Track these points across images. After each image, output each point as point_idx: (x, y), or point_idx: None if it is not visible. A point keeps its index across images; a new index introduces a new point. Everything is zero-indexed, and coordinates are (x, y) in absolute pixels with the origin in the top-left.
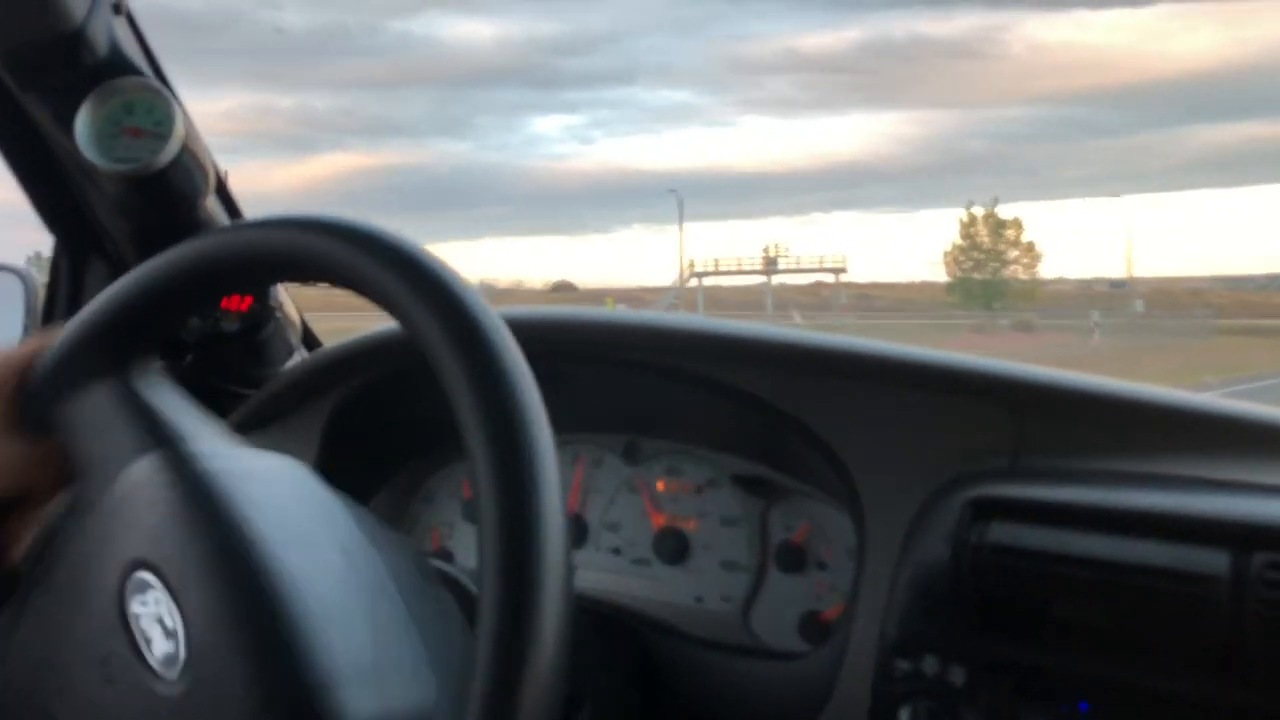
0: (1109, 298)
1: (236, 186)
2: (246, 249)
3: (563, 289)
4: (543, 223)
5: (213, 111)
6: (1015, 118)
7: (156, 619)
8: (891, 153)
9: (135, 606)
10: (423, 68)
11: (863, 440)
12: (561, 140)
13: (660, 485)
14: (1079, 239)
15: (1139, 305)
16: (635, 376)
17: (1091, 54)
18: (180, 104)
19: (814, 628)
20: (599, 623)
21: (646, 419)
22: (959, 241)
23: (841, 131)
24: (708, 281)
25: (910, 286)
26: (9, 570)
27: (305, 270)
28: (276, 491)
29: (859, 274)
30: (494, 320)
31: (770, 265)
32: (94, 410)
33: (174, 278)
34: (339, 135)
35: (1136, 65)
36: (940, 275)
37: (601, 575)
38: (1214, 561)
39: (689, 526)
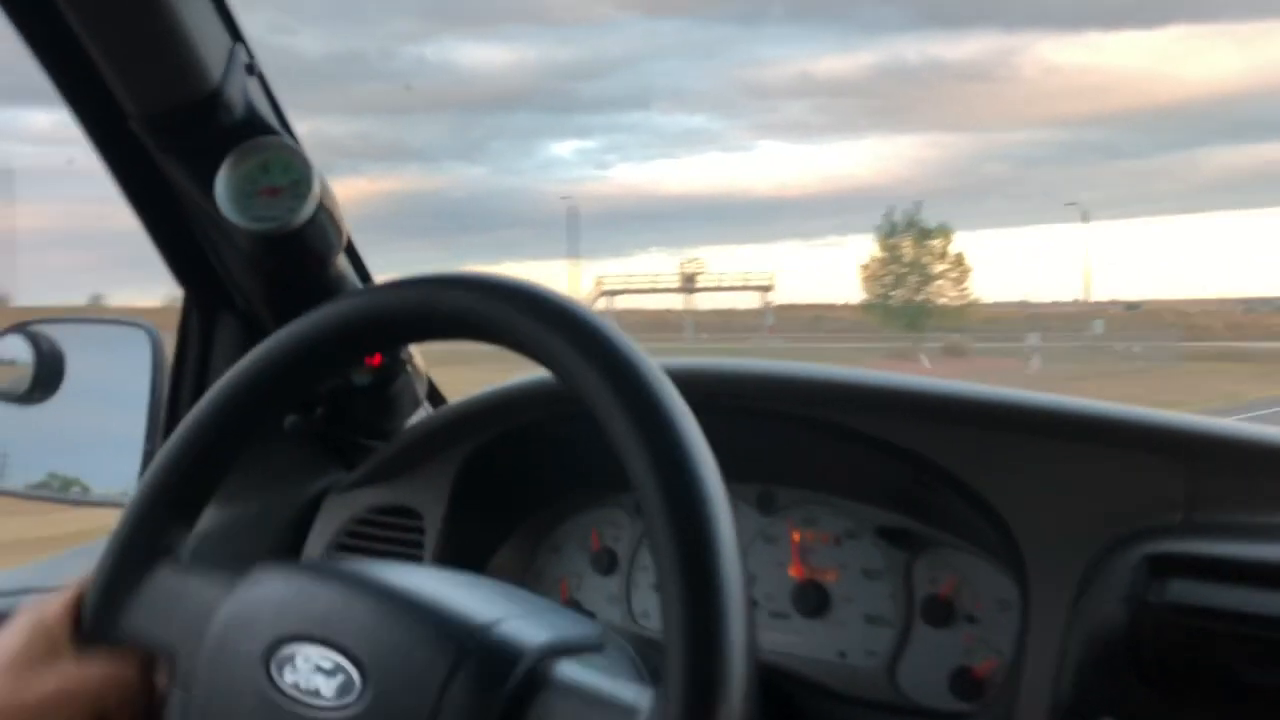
0: (1064, 319)
1: None
2: (382, 313)
3: None
4: (560, 246)
5: None
6: (1031, 140)
7: (313, 671)
8: (908, 176)
9: (288, 678)
10: (438, 93)
11: (1023, 495)
12: (578, 165)
13: (796, 536)
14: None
15: (1098, 327)
16: (771, 425)
17: (1105, 76)
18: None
19: (967, 684)
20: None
21: (782, 468)
22: (877, 253)
23: (857, 155)
24: (626, 301)
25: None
26: None
27: (467, 330)
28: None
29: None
30: (657, 373)
31: (688, 283)
32: (157, 601)
33: (306, 349)
34: (355, 160)
35: (1151, 87)
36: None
37: None
38: None
39: (829, 579)
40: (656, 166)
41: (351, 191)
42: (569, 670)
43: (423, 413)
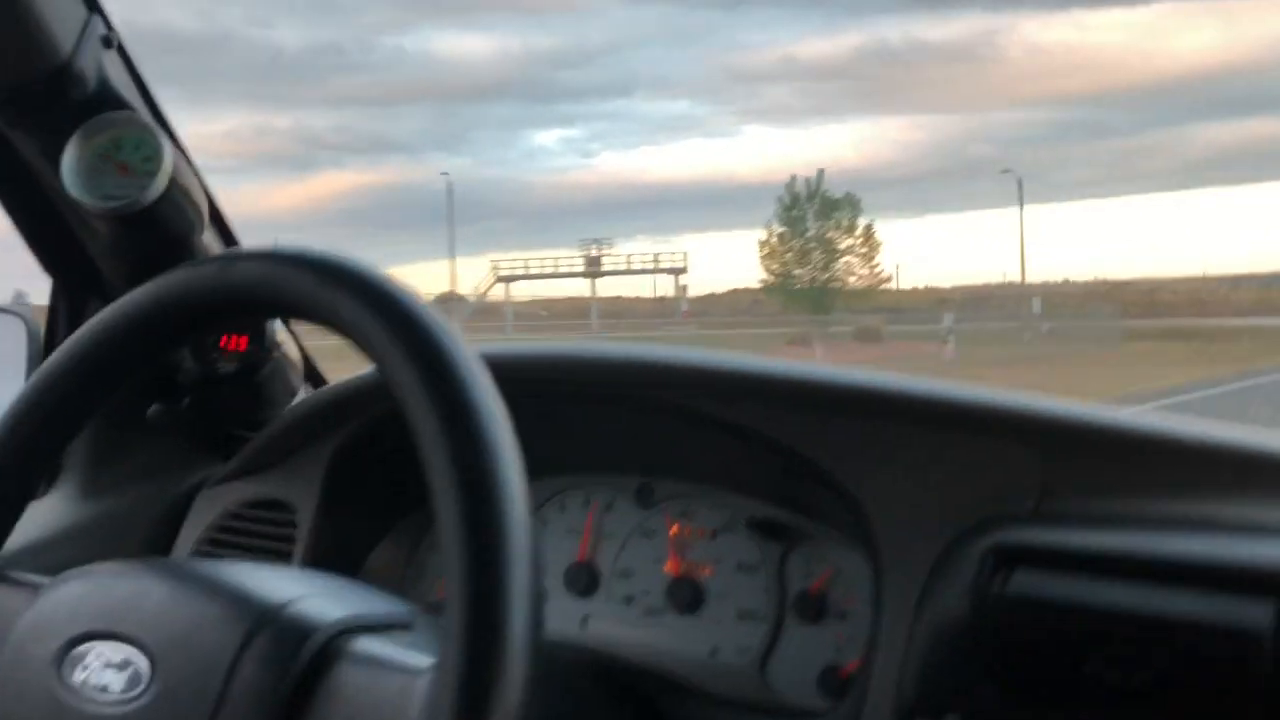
0: (1000, 300)
1: (239, 209)
2: (177, 294)
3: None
4: (548, 236)
5: (214, 133)
6: (1018, 121)
7: (103, 666)
8: (894, 158)
9: (77, 677)
10: (418, 83)
11: (880, 483)
12: (561, 154)
13: (674, 530)
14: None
15: (1036, 305)
16: (647, 416)
17: (1091, 54)
18: (174, 136)
19: (834, 683)
20: (605, 682)
21: (660, 460)
22: (777, 227)
23: (843, 138)
24: (523, 288)
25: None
26: None
27: (263, 306)
28: None
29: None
30: (467, 357)
31: (593, 265)
32: None
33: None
34: (337, 153)
35: (1138, 65)
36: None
37: (612, 626)
38: (1257, 614)
39: (704, 574)
40: (641, 154)
41: (335, 186)
42: (366, 644)
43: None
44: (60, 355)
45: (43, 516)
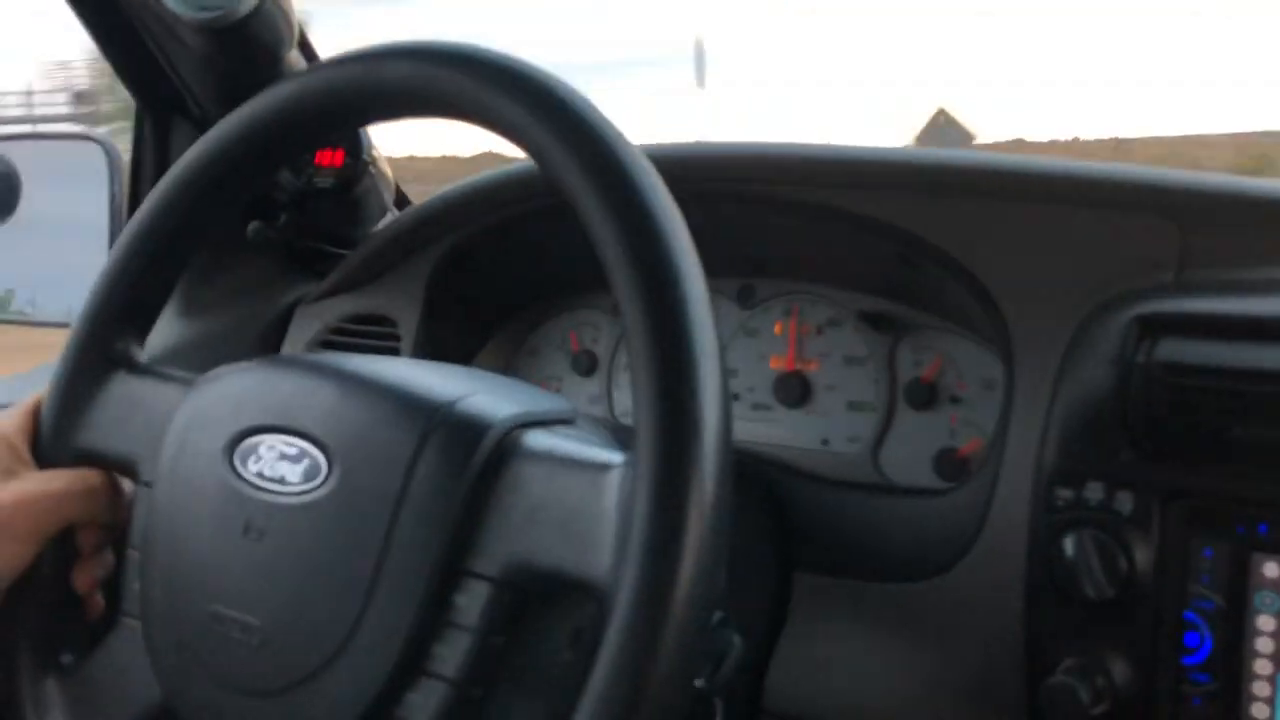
0: None
1: None
2: (319, 92)
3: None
4: None
5: None
6: None
7: (278, 458)
8: None
9: (251, 468)
10: None
11: (1008, 262)
12: None
13: (779, 328)
14: None
15: None
16: (747, 212)
17: None
18: None
19: (950, 465)
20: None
21: (761, 259)
22: None
23: None
24: None
25: None
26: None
27: (418, 105)
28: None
29: None
30: (637, 155)
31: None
32: (114, 409)
33: (251, 138)
34: None
35: None
36: None
37: None
38: None
39: (811, 368)
40: None
41: None
42: (540, 438)
43: (390, 219)
44: (204, 147)
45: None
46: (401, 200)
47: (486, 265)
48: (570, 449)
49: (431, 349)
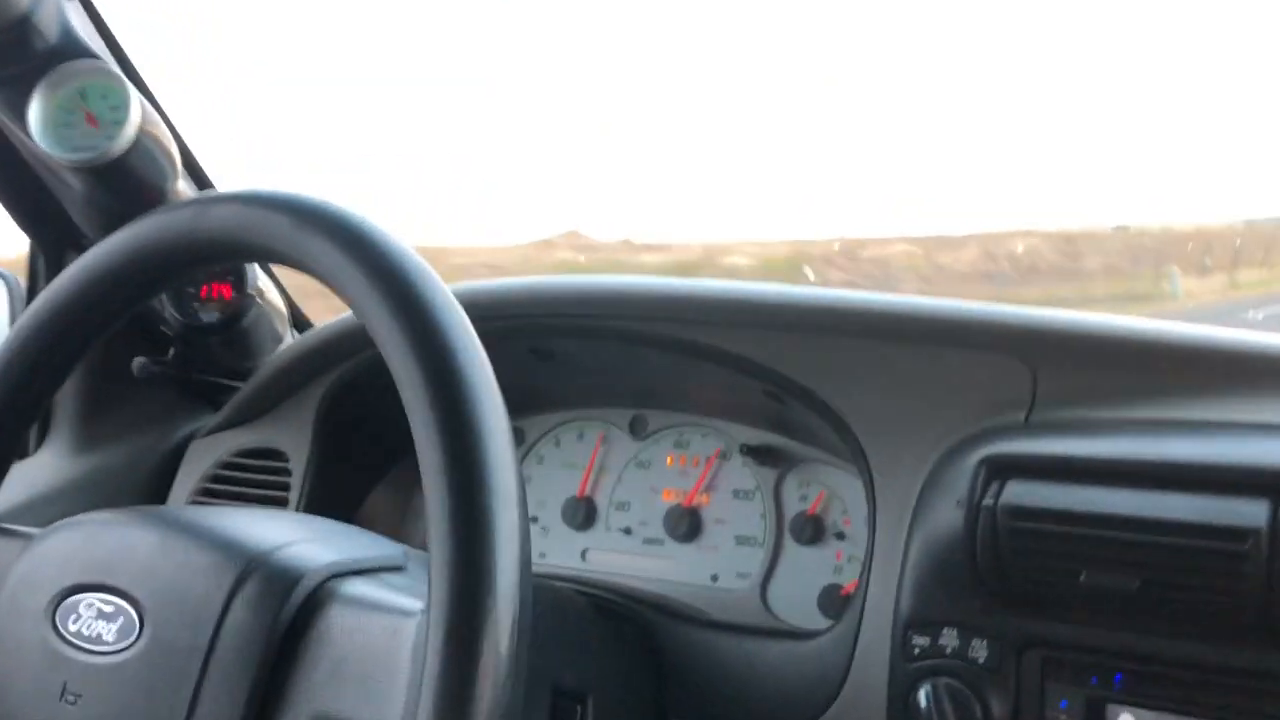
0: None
1: None
2: (151, 242)
3: None
4: None
5: None
6: None
7: (95, 617)
8: None
9: (70, 627)
10: None
11: (867, 401)
12: None
13: (669, 460)
14: None
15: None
16: (636, 348)
17: None
18: (142, 83)
19: (834, 602)
20: (605, 611)
21: (651, 392)
22: None
23: None
24: None
25: None
26: None
27: (240, 251)
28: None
29: None
30: (445, 301)
31: None
32: None
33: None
34: None
35: None
36: None
37: (613, 556)
38: (1251, 513)
39: (701, 502)
40: None
41: None
42: (355, 586)
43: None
44: (39, 306)
45: (35, 474)
46: (302, 326)
47: (375, 397)
48: (377, 596)
49: (324, 484)
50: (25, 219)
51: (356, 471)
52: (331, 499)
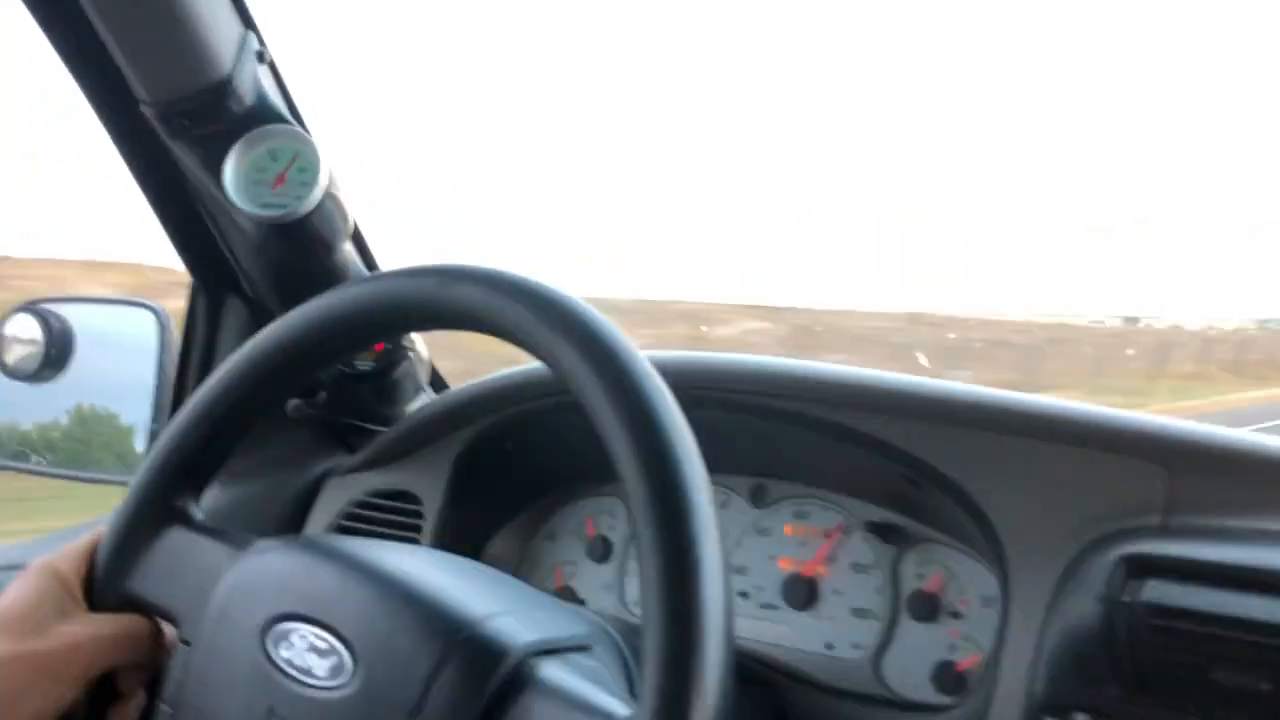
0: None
1: None
2: (390, 301)
3: None
4: None
5: None
6: None
7: (308, 649)
8: None
9: (282, 653)
10: None
11: (1007, 494)
12: None
13: (789, 530)
14: None
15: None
16: (764, 420)
17: None
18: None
19: (949, 678)
20: (737, 673)
21: (775, 462)
22: None
23: None
24: None
25: None
26: None
27: (470, 323)
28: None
29: None
30: (648, 368)
31: None
32: (166, 561)
33: (298, 343)
34: None
35: None
36: None
37: None
38: None
39: (820, 572)
40: None
41: None
42: (553, 671)
43: (425, 399)
44: (272, 335)
45: None
46: (437, 381)
47: (510, 451)
48: (580, 691)
49: (452, 528)
50: (192, 259)
51: (482, 518)
52: (459, 541)
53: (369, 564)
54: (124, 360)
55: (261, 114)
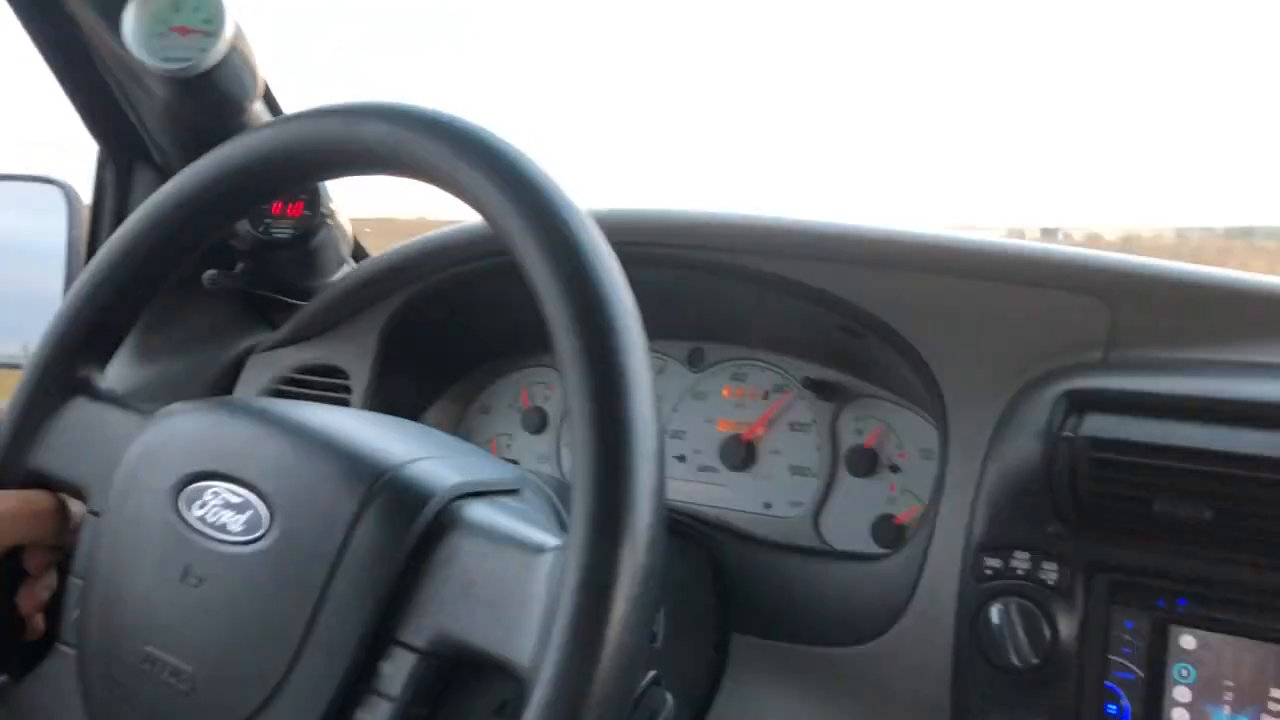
0: None
1: None
2: (293, 145)
3: None
4: None
5: None
6: None
7: (222, 506)
8: None
9: (195, 512)
10: None
11: (945, 336)
12: None
13: (726, 392)
14: None
15: None
16: (699, 278)
17: None
18: None
19: (888, 531)
20: (673, 530)
21: (711, 324)
22: None
23: None
24: None
25: None
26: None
27: (382, 164)
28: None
29: None
30: (582, 215)
31: None
32: (71, 433)
33: (209, 188)
34: None
35: None
36: None
37: (668, 483)
38: None
39: (757, 432)
40: None
41: None
42: (479, 511)
43: (348, 270)
44: (175, 187)
45: None
46: (359, 253)
47: (439, 321)
48: (508, 526)
49: (382, 402)
50: (98, 129)
51: (413, 391)
52: (391, 415)
53: (284, 417)
54: (32, 238)
55: None
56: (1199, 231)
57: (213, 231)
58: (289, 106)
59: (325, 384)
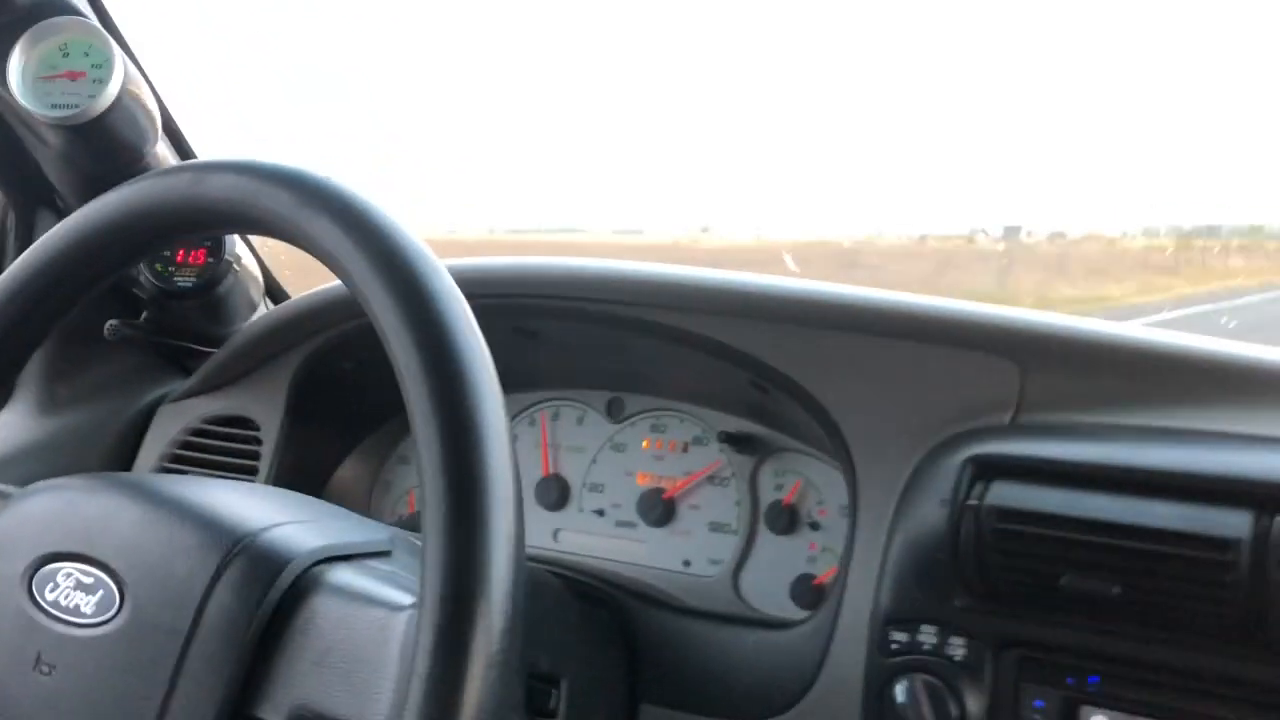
0: None
1: None
2: (144, 208)
3: None
4: None
5: None
6: None
7: (74, 588)
8: None
9: (48, 596)
10: None
11: (854, 396)
12: None
13: (646, 444)
14: None
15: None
16: (617, 332)
17: None
18: (124, 43)
19: (807, 592)
20: (579, 594)
21: (629, 375)
22: None
23: None
24: None
25: None
26: None
27: (236, 221)
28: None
29: None
30: (436, 266)
31: None
32: None
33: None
34: None
35: None
36: None
37: (584, 538)
38: (1235, 523)
39: (676, 486)
40: None
41: None
42: (341, 575)
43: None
44: (26, 261)
45: (0, 432)
46: (279, 295)
47: (350, 370)
48: (367, 588)
49: (295, 454)
50: (4, 177)
51: (327, 443)
52: (302, 469)
53: (140, 488)
54: None
55: (51, 6)
56: (1166, 229)
57: (76, 299)
58: (205, 150)
59: (235, 435)
